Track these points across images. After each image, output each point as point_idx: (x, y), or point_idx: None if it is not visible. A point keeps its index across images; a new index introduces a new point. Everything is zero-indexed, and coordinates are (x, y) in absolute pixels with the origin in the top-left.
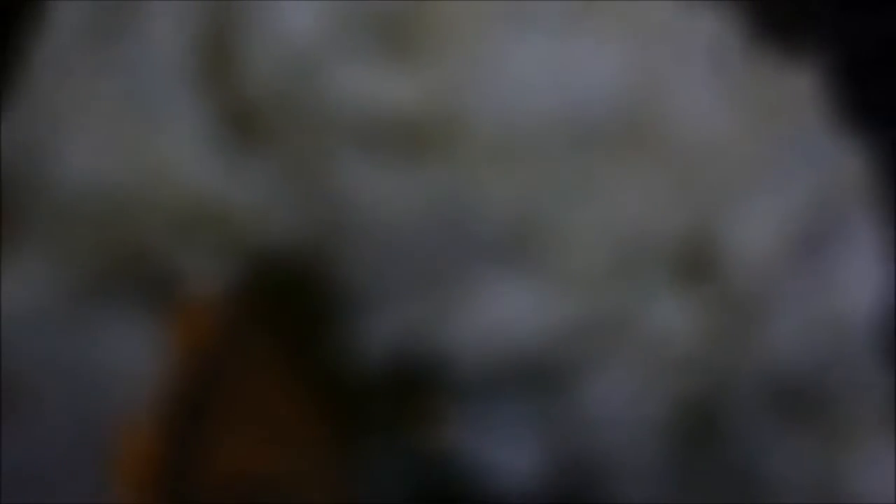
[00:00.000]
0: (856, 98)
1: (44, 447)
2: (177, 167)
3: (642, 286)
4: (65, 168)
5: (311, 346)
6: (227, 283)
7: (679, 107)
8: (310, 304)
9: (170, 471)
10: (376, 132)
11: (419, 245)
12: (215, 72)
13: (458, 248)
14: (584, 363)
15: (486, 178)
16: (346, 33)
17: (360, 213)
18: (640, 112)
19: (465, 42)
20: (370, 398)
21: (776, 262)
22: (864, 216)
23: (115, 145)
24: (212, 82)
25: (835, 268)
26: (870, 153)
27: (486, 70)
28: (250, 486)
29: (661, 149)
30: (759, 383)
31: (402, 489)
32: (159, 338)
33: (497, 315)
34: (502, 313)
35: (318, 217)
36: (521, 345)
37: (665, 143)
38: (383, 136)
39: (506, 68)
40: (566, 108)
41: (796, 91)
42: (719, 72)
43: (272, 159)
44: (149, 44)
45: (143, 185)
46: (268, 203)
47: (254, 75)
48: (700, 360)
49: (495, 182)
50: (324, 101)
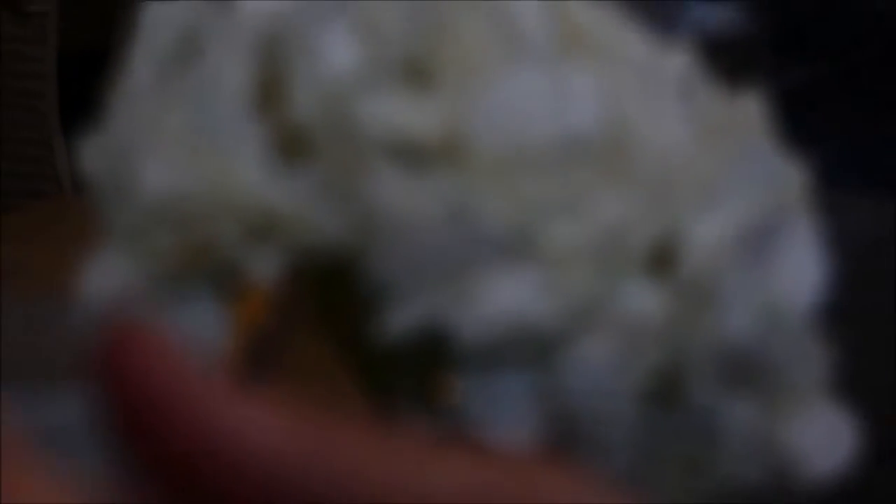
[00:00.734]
0: (789, 123)
1: None
2: (238, 180)
3: (620, 276)
4: (145, 181)
5: (347, 324)
6: (279, 273)
7: (651, 130)
8: (346, 290)
9: None
10: (401, 151)
11: (436, 243)
12: (269, 101)
13: (468, 246)
14: (572, 339)
15: (490, 188)
16: (377, 70)
17: (388, 217)
18: (619, 134)
19: (472, 77)
20: (395, 368)
21: (729, 256)
22: (802, 218)
23: (187, 162)
24: (266, 110)
25: (778, 260)
26: (805, 168)
27: (490, 100)
28: None
29: (636, 165)
30: (713, 355)
31: None
32: (225, 317)
33: (500, 301)
34: (504, 300)
35: (354, 220)
36: (520, 325)
37: (639, 160)
38: (407, 154)
39: (506, 98)
40: (557, 131)
41: (746, 118)
42: (684, 101)
43: (316, 173)
44: (214, 79)
45: (211, 195)
46: (313, 209)
47: (301, 104)
48: (666, 335)
49: (498, 192)
50: (359, 125)
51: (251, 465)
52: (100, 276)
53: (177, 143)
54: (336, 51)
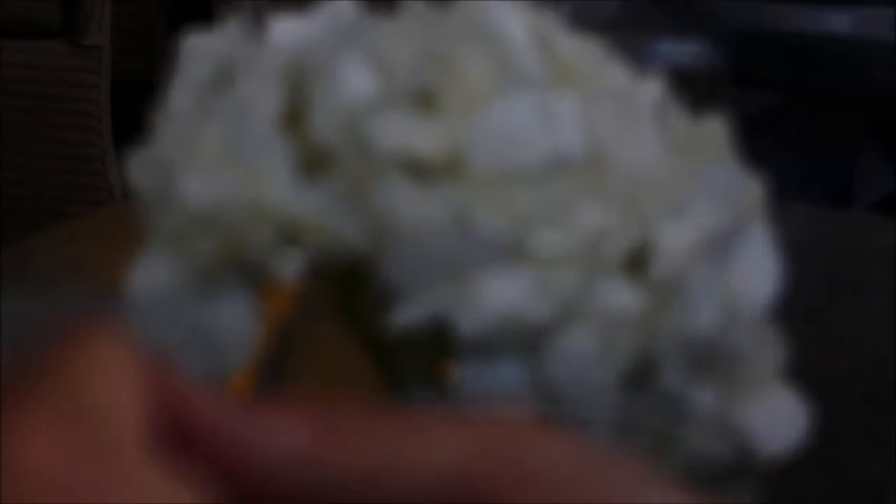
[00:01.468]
0: (747, 144)
1: None
2: (267, 191)
3: (600, 277)
4: (186, 192)
5: (362, 318)
6: (303, 274)
7: (626, 150)
8: (362, 288)
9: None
10: (409, 167)
11: (439, 248)
12: (294, 123)
13: (467, 250)
14: (558, 332)
15: (486, 200)
16: (388, 97)
17: (397, 225)
18: (598, 153)
19: (471, 103)
20: (403, 356)
21: (695, 258)
22: (759, 225)
23: (223, 176)
24: (292, 130)
25: (738, 262)
26: (760, 182)
27: (486, 123)
28: None
29: (614, 180)
30: (681, 345)
31: None
32: (255, 311)
33: (495, 298)
34: (499, 297)
35: (368, 227)
36: (512, 319)
37: (616, 176)
38: (414, 170)
39: (500, 122)
40: (544, 151)
41: (710, 138)
42: (657, 124)
43: (335, 186)
44: (246, 103)
45: (243, 204)
46: (332, 217)
47: (322, 126)
48: (640, 328)
49: (493, 203)
50: (372, 144)
51: (276, 469)
52: (145, 275)
53: (213, 158)
54: (353, 79)
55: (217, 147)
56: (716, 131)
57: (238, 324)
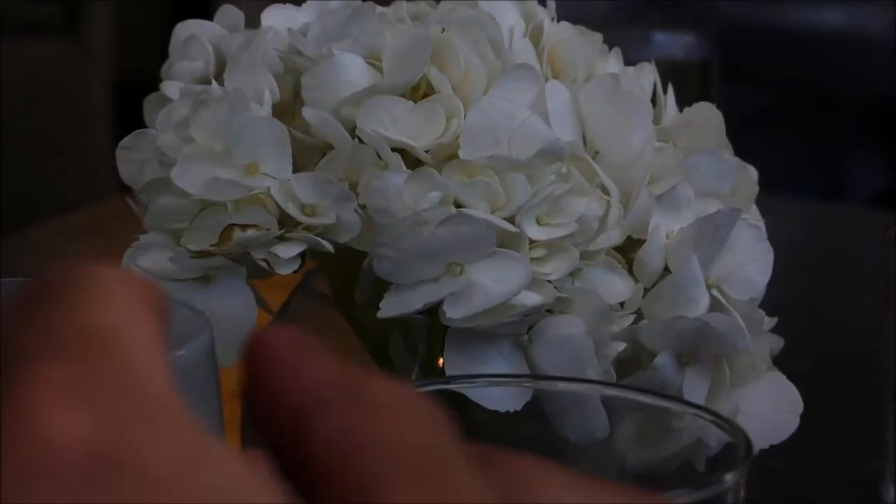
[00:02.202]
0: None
1: None
2: (263, 180)
3: (590, 264)
4: (186, 182)
5: (358, 304)
6: (302, 261)
7: (618, 140)
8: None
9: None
10: (404, 159)
11: (432, 236)
12: (289, 113)
13: (459, 238)
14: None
15: (477, 190)
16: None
17: (391, 214)
18: (590, 144)
19: (463, 95)
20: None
21: (686, 247)
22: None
23: (221, 166)
24: (286, 120)
25: (729, 252)
26: (753, 175)
27: (478, 114)
28: None
29: (605, 170)
30: (671, 332)
31: None
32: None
33: (486, 286)
34: (490, 285)
35: (360, 216)
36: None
37: (607, 165)
38: (409, 162)
39: (491, 113)
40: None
41: (704, 131)
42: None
43: (329, 176)
44: (241, 93)
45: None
46: (326, 206)
47: (316, 116)
48: (629, 309)
49: (484, 193)
50: (365, 135)
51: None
52: (143, 263)
53: (209, 149)
54: (345, 71)
55: (213, 138)
56: (709, 119)
57: (236, 312)
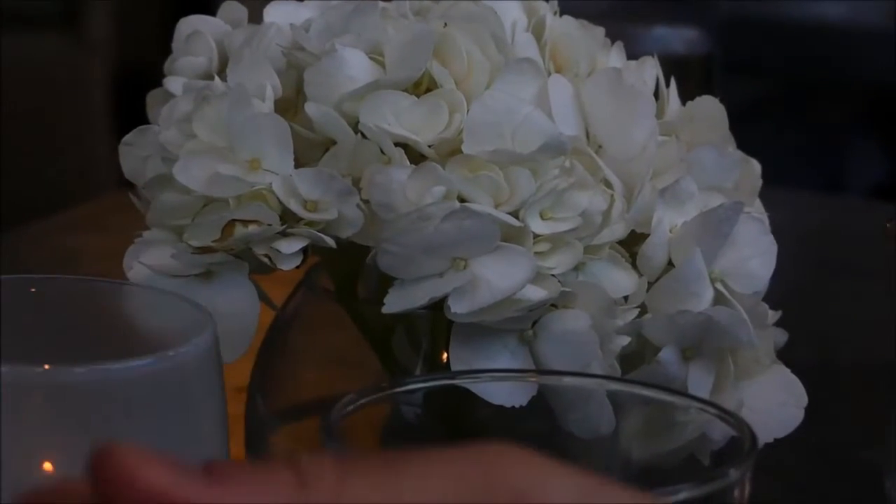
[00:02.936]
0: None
1: None
2: (265, 175)
3: (594, 258)
4: (188, 178)
5: (361, 299)
6: (305, 257)
7: (621, 134)
8: (359, 271)
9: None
10: (407, 154)
11: (436, 231)
12: (291, 108)
13: (463, 233)
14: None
15: (481, 185)
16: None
17: (394, 209)
18: (593, 138)
19: (466, 89)
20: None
21: (690, 241)
22: (755, 210)
23: (224, 162)
24: (289, 115)
25: (733, 245)
26: (756, 167)
27: (481, 109)
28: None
29: (608, 163)
30: (675, 326)
31: None
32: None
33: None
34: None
35: (364, 211)
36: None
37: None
38: (412, 157)
39: (495, 107)
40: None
41: (706, 124)
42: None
43: (332, 171)
44: (244, 88)
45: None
46: (329, 202)
47: (319, 111)
48: (633, 303)
49: (488, 188)
50: (368, 130)
51: None
52: (145, 259)
53: (211, 145)
54: (348, 67)
55: (215, 132)
56: (712, 112)
57: (238, 308)
